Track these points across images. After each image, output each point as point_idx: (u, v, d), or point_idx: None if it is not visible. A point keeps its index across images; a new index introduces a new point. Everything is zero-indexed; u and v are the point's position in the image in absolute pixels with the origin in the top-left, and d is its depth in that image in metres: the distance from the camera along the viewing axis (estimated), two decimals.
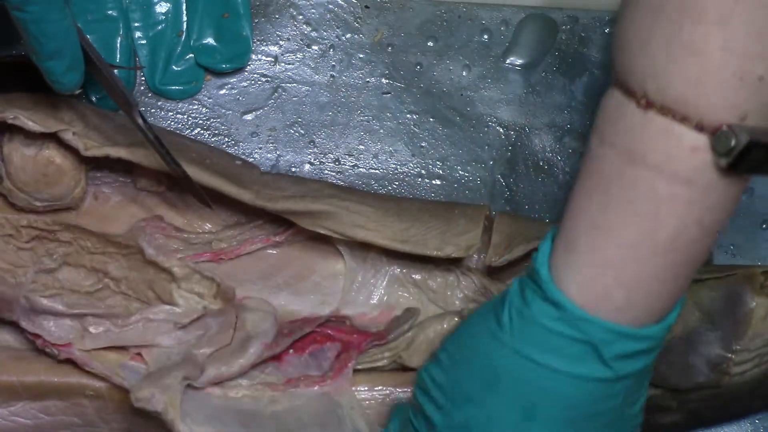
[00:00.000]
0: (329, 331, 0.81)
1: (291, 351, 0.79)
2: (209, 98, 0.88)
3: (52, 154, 0.79)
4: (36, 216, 0.79)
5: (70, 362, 0.75)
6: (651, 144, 0.57)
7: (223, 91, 0.88)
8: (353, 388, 0.78)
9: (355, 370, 0.79)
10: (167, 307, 0.78)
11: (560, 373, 0.61)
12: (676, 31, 0.57)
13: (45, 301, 0.76)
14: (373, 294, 0.82)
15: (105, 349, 0.77)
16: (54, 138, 0.78)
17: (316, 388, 0.78)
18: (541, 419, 0.61)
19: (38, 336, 0.76)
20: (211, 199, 0.80)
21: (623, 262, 0.59)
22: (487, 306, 0.66)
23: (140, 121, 0.75)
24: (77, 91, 0.74)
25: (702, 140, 0.57)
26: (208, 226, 0.83)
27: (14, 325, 0.78)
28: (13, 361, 0.75)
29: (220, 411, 0.74)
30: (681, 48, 0.57)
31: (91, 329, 0.77)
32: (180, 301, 0.79)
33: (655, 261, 0.59)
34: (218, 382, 0.76)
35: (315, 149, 0.88)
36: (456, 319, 0.79)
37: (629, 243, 0.59)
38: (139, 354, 0.77)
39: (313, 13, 0.89)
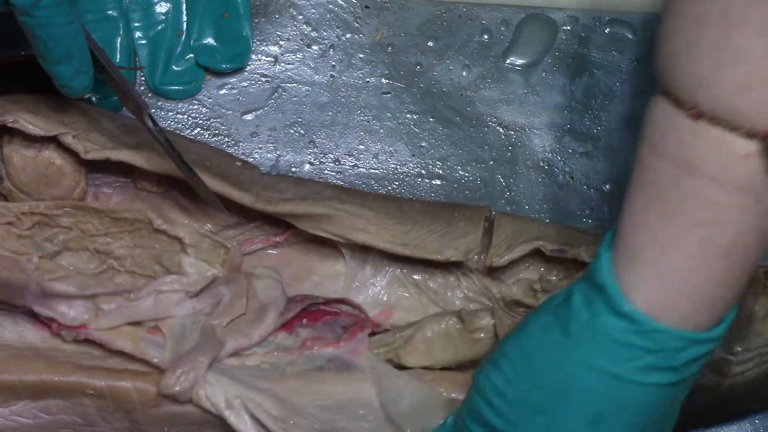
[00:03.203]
0: (340, 308, 0.81)
1: (305, 321, 0.80)
2: (209, 98, 0.88)
3: (52, 155, 0.79)
4: (37, 201, 0.79)
5: (72, 363, 0.75)
6: (704, 154, 0.58)
7: (223, 91, 0.88)
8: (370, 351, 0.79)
9: None
10: (176, 276, 0.79)
11: (632, 383, 0.62)
12: (722, 38, 0.57)
13: (56, 285, 0.77)
14: (373, 294, 0.82)
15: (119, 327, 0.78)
16: (54, 139, 0.78)
17: (330, 349, 0.78)
18: (608, 427, 0.62)
19: (53, 320, 0.77)
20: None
21: (687, 272, 0.60)
22: (546, 315, 0.66)
23: (150, 124, 0.75)
24: (87, 95, 0.74)
25: (753, 147, 0.57)
26: (208, 227, 0.83)
27: (14, 321, 0.78)
28: (14, 360, 0.75)
29: (241, 378, 0.75)
30: (727, 56, 0.57)
31: (104, 307, 0.77)
32: (189, 270, 0.79)
33: (717, 267, 0.60)
34: (236, 354, 0.77)
35: (315, 149, 0.88)
36: (454, 319, 0.79)
37: (691, 253, 0.60)
38: (155, 327, 0.78)
39: (313, 13, 0.89)
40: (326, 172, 0.88)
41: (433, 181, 0.88)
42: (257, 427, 0.74)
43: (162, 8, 0.87)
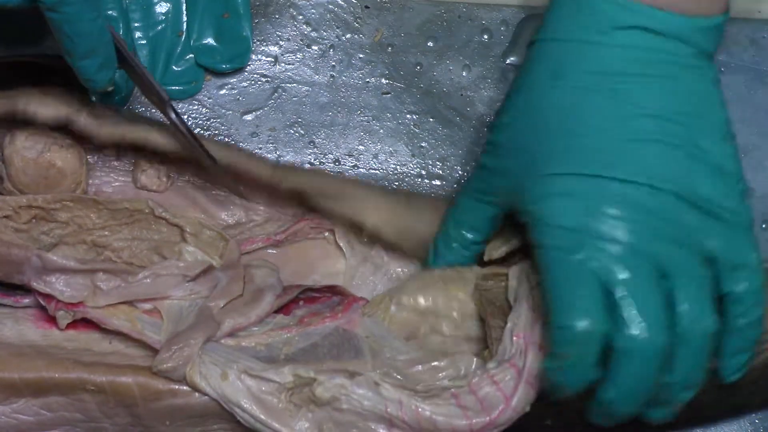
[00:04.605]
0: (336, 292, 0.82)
1: (301, 302, 0.80)
2: (209, 98, 0.88)
3: (53, 156, 0.79)
4: (35, 194, 0.79)
5: (72, 359, 0.75)
6: None
7: (223, 91, 0.88)
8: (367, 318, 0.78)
9: None
10: (174, 261, 0.79)
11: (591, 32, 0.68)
12: None
13: (57, 258, 0.77)
14: (372, 292, 0.82)
15: (115, 306, 0.77)
16: (55, 141, 0.78)
17: (327, 323, 0.78)
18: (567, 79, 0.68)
19: (50, 299, 0.77)
20: (213, 200, 0.81)
21: None
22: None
23: (173, 116, 0.76)
24: (110, 88, 0.74)
25: None
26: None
27: (14, 320, 0.78)
28: (14, 357, 0.75)
29: (237, 358, 0.75)
30: None
31: (102, 285, 0.77)
32: (188, 258, 0.79)
33: None
34: (233, 333, 0.77)
35: (315, 149, 0.88)
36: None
37: None
38: (152, 310, 0.78)
39: (313, 13, 0.89)
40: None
41: (433, 181, 0.88)
42: (255, 399, 0.74)
43: (162, 8, 0.87)
